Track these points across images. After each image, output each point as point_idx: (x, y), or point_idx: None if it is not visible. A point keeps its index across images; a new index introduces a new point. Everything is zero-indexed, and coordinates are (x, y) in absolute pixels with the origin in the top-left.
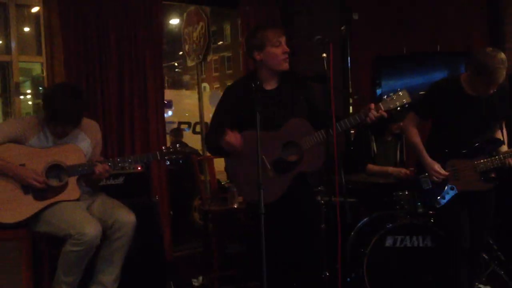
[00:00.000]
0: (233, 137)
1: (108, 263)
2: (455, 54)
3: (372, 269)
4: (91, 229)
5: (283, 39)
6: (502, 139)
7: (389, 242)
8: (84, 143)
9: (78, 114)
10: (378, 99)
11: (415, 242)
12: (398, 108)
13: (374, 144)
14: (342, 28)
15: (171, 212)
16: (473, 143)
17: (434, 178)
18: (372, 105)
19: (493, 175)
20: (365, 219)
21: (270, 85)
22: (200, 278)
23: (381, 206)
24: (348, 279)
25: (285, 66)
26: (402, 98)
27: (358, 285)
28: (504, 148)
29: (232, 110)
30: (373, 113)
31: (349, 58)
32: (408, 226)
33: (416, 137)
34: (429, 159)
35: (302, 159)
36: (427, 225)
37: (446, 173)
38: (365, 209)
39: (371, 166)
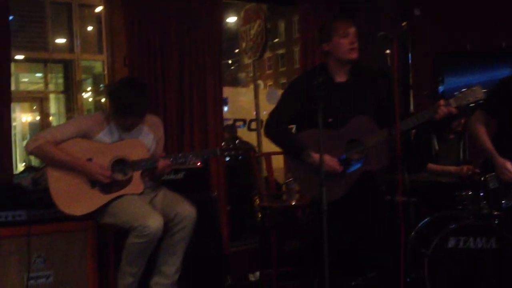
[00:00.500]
0: (332, 163)
1: (169, 254)
2: None
3: (433, 270)
4: (154, 222)
5: (351, 30)
6: None
7: (451, 243)
8: (148, 138)
9: (144, 107)
10: (440, 97)
11: (479, 243)
12: (471, 105)
13: (436, 142)
14: (404, 24)
15: (228, 208)
16: None
17: (506, 177)
18: (442, 102)
19: None
20: (426, 219)
21: (340, 77)
22: (257, 273)
23: (443, 206)
24: (408, 279)
25: (352, 55)
26: (475, 94)
27: (419, 285)
28: None
29: (297, 101)
30: (443, 110)
31: (410, 54)
32: (472, 227)
33: (484, 135)
34: (500, 158)
35: (366, 158)
36: (492, 226)
37: None
38: (426, 209)
39: (431, 165)
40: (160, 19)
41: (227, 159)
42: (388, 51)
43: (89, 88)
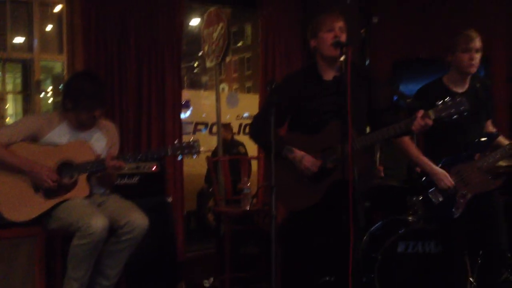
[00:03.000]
0: (310, 162)
1: (112, 258)
2: None
3: (383, 274)
4: (97, 222)
5: (337, 25)
6: (495, 131)
7: (401, 247)
8: (100, 143)
9: (99, 97)
10: (393, 103)
11: (427, 248)
12: (454, 117)
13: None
14: (362, 31)
15: (185, 213)
16: (468, 144)
17: (444, 186)
18: (420, 113)
19: (499, 171)
20: (378, 223)
21: (328, 75)
22: (211, 279)
23: (395, 210)
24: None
25: (334, 52)
26: (459, 105)
27: None
28: (503, 140)
29: (284, 100)
30: (419, 122)
31: (368, 61)
32: (420, 232)
33: (412, 147)
34: (437, 168)
35: (340, 166)
36: (439, 231)
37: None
38: (379, 213)
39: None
40: (119, 20)
41: (180, 158)
42: (342, 58)
43: (49, 89)
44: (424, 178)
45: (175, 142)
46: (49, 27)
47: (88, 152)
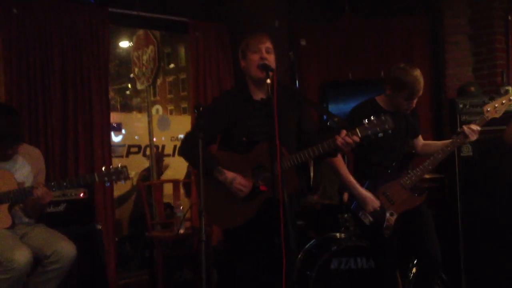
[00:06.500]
0: (242, 184)
1: None
2: None
3: None
4: (21, 256)
5: (263, 46)
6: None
7: (334, 264)
8: (24, 170)
9: (11, 133)
10: (323, 123)
11: (359, 264)
12: (380, 135)
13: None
14: (290, 53)
15: (117, 239)
16: (392, 163)
17: (371, 209)
18: (343, 132)
19: (424, 186)
20: (312, 241)
21: (258, 95)
22: None
23: (329, 228)
24: None
25: (260, 74)
26: (384, 123)
27: None
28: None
29: (214, 120)
30: (345, 139)
31: (297, 82)
32: (353, 248)
33: (342, 167)
34: (364, 191)
35: (271, 185)
36: (371, 247)
37: (379, 203)
38: (313, 231)
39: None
40: (42, 44)
41: (108, 184)
42: (268, 81)
43: None
44: (353, 203)
45: (103, 168)
46: None
47: (10, 181)
